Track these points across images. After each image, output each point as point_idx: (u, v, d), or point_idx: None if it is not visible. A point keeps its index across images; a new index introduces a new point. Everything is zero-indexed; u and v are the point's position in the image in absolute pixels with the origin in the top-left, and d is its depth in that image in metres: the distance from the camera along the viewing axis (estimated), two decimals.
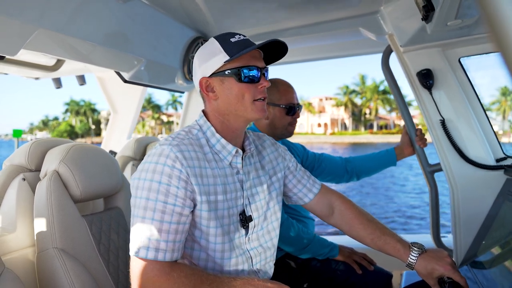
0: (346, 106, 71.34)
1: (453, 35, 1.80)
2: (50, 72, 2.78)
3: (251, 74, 1.13)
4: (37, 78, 3.06)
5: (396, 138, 62.02)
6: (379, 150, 2.26)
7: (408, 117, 2.17)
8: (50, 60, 2.68)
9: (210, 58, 1.14)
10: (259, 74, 1.15)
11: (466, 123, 1.97)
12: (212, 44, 1.15)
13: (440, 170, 2.08)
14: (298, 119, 1.98)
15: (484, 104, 1.96)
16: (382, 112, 75.03)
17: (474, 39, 1.85)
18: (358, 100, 72.17)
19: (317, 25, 2.23)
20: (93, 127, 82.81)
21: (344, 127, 73.94)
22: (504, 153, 2.00)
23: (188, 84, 2.59)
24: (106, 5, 1.66)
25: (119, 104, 3.43)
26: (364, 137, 66.42)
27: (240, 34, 1.16)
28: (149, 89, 3.46)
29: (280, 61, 1.32)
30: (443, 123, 1.98)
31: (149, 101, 75.13)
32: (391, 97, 68.92)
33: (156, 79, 2.37)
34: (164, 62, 2.26)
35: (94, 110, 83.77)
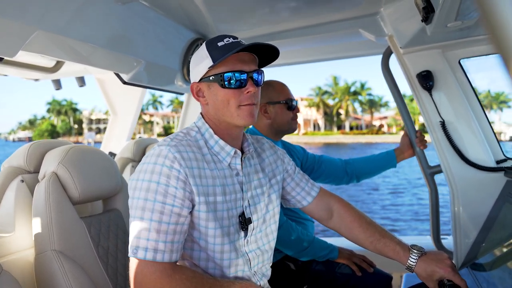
0: (318, 106, 72.39)
1: (453, 36, 1.80)
2: (50, 74, 2.78)
3: (234, 80, 1.10)
4: (36, 80, 3.06)
5: (366, 139, 62.83)
6: (350, 150, 2.27)
7: (408, 119, 2.16)
8: (49, 62, 2.68)
9: (199, 63, 1.14)
10: (245, 78, 1.11)
11: (466, 124, 1.97)
12: (202, 49, 1.14)
13: (440, 172, 2.07)
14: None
15: None
16: (359, 113, 76.63)
17: (474, 40, 1.84)
18: (330, 101, 73.53)
19: (317, 27, 2.23)
20: (75, 126, 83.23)
21: (318, 127, 74.59)
22: (504, 155, 2.00)
23: (188, 86, 2.58)
24: (105, 7, 1.66)
25: (119, 106, 3.43)
26: (335, 137, 67.42)
27: (230, 37, 1.13)
28: None
29: (279, 63, 1.32)
30: (443, 124, 1.98)
31: None
32: (361, 98, 71.27)
33: (155, 81, 2.36)
34: (163, 63, 2.25)
35: (75, 110, 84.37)
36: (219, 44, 1.11)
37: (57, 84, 3.19)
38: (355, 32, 2.18)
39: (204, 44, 1.15)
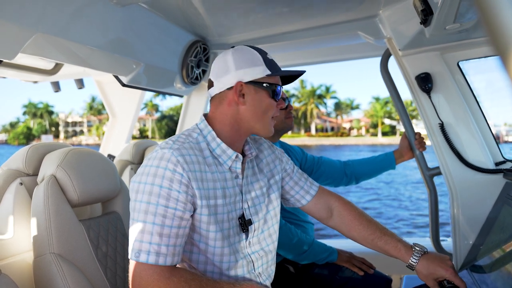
0: None
1: (451, 38, 1.80)
2: (49, 76, 2.77)
3: (278, 93, 1.19)
4: (35, 82, 3.06)
5: (330, 141, 65.07)
6: (315, 151, 2.26)
7: (407, 121, 2.17)
8: (48, 64, 2.68)
9: (251, 66, 1.15)
10: (280, 94, 1.21)
11: (465, 126, 1.97)
12: (251, 53, 1.18)
13: (440, 174, 2.07)
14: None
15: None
16: (330, 116, 78.71)
17: (473, 42, 1.85)
18: (297, 104, 74.91)
19: (316, 29, 2.23)
20: (52, 129, 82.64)
21: None
22: (503, 157, 2.00)
23: (187, 88, 2.58)
24: (104, 9, 1.66)
25: (118, 108, 3.43)
26: (300, 139, 68.95)
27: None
28: None
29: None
30: (442, 126, 1.98)
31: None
32: (326, 101, 73.59)
33: (154, 83, 2.36)
34: (162, 66, 2.25)
35: (51, 113, 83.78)
36: (268, 57, 1.20)
37: (56, 86, 3.19)
38: (354, 35, 2.19)
39: (252, 50, 1.19)
